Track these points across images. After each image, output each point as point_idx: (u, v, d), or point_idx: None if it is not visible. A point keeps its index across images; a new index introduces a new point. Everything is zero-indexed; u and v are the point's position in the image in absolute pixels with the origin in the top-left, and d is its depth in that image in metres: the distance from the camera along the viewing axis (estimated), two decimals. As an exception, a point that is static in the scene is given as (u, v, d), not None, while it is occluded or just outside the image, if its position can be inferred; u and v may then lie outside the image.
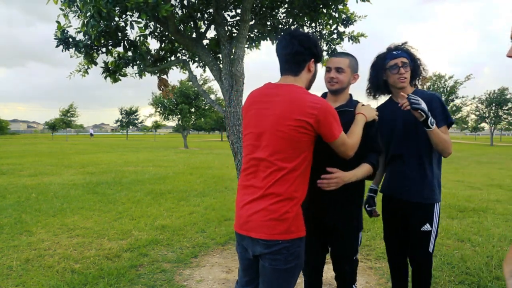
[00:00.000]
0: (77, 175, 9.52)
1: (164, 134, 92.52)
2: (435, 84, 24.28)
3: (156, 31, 3.33)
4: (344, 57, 1.95)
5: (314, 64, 1.67)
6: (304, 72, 1.64)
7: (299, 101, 1.52)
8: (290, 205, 1.51)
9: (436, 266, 3.28)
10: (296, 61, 1.61)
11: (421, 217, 2.13)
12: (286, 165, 1.52)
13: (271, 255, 1.52)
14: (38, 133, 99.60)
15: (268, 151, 1.53)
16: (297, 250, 1.55)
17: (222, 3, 2.95)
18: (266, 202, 1.51)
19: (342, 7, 3.23)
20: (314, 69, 1.68)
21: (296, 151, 1.53)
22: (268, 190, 1.51)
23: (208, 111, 26.01)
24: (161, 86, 3.57)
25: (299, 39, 1.60)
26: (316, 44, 1.64)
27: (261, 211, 1.51)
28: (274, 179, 1.51)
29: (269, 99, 1.58)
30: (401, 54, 2.16)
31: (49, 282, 2.98)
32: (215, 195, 6.87)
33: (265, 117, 1.56)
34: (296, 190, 1.54)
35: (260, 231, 1.51)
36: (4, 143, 29.67)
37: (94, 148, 23.92)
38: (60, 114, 44.74)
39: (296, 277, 1.61)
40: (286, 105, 1.52)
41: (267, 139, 1.54)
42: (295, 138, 1.51)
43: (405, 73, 2.15)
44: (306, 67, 1.63)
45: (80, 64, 3.15)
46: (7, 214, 5.20)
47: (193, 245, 3.93)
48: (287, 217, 1.50)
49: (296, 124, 1.50)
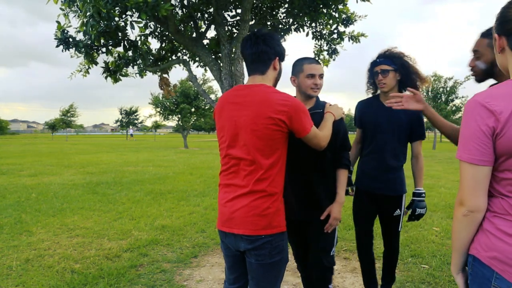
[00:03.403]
0: (77, 175, 9.52)
1: (164, 134, 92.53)
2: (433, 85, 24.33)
3: (156, 31, 3.33)
4: (320, 64, 2.07)
5: (278, 62, 1.73)
6: (270, 71, 1.70)
7: (270, 100, 1.58)
8: (271, 200, 1.59)
9: (436, 266, 3.28)
10: (262, 60, 1.67)
11: (393, 206, 2.49)
12: (264, 162, 1.59)
13: (255, 250, 1.59)
14: (38, 133, 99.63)
15: (246, 150, 1.60)
16: (280, 244, 1.63)
17: (222, 3, 2.96)
18: (248, 199, 1.59)
19: (342, 7, 3.24)
20: (279, 67, 1.74)
21: (272, 149, 1.60)
22: (250, 188, 1.59)
23: (208, 111, 26.00)
24: (162, 85, 3.58)
25: (263, 38, 1.66)
26: (279, 43, 1.72)
27: (244, 208, 1.59)
28: (255, 177, 1.59)
29: (240, 100, 1.64)
30: (383, 62, 2.34)
31: (49, 282, 2.98)
32: (215, 195, 6.86)
33: (238, 118, 1.62)
34: (275, 186, 1.61)
35: (243, 227, 1.58)
36: (4, 143, 29.68)
37: (94, 148, 23.92)
38: (60, 114, 44.78)
39: (283, 271, 1.70)
40: (258, 105, 1.59)
41: (244, 139, 1.61)
42: (269, 136, 1.57)
43: (384, 79, 2.34)
44: (271, 66, 1.70)
45: (81, 64, 3.15)
46: (7, 214, 5.20)
47: (193, 245, 3.92)
48: (269, 213, 1.58)
49: (269, 122, 1.56)
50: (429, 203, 6.03)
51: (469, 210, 1.08)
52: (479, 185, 1.07)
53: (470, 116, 1.07)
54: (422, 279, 3.04)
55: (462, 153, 1.09)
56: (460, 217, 1.11)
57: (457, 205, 1.12)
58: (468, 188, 1.08)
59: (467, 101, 1.10)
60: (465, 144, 1.08)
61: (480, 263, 1.10)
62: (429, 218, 5.05)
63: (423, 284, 2.96)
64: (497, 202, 1.09)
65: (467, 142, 1.07)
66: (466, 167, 1.08)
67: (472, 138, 1.06)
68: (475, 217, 1.09)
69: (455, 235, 1.15)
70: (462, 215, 1.10)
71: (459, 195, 1.11)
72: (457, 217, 1.12)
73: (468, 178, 1.08)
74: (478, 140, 1.05)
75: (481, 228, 1.11)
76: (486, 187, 1.08)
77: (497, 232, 1.06)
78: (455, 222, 1.14)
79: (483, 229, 1.11)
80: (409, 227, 4.59)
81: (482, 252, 1.09)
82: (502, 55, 1.14)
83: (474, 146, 1.06)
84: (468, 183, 1.08)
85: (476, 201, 1.08)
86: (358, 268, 3.28)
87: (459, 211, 1.11)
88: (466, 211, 1.09)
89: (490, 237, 1.08)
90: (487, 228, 1.10)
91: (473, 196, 1.08)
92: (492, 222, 1.09)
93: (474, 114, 1.06)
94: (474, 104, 1.06)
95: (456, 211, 1.12)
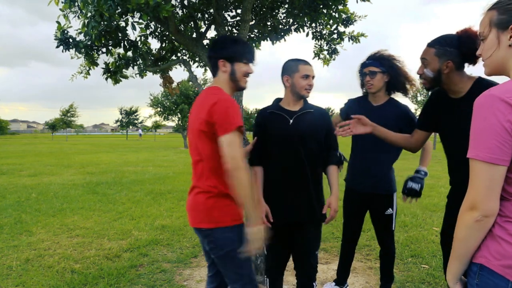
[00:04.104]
0: (77, 175, 9.52)
1: (164, 134, 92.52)
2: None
3: (156, 31, 3.34)
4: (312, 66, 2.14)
5: (227, 63, 1.75)
6: (220, 73, 1.77)
7: (205, 101, 1.66)
8: (207, 196, 1.67)
9: (436, 266, 3.28)
10: (211, 64, 1.80)
11: (384, 204, 2.52)
12: (203, 160, 1.69)
13: (206, 243, 1.73)
14: (38, 133, 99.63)
15: (192, 150, 1.75)
16: (227, 236, 1.67)
17: (222, 3, 2.96)
18: (192, 195, 1.75)
19: (342, 7, 3.24)
20: (229, 68, 1.75)
21: (208, 147, 1.65)
22: (193, 184, 1.76)
23: (208, 111, 26.01)
24: (165, 84, 3.57)
25: (211, 45, 1.81)
26: (225, 45, 1.76)
27: (189, 204, 1.76)
28: (198, 174, 1.72)
29: (195, 103, 1.78)
30: (371, 63, 2.42)
31: (49, 282, 2.98)
32: (215, 195, 6.86)
33: (190, 120, 1.78)
34: (212, 183, 1.67)
35: (191, 221, 1.75)
36: (4, 143, 29.67)
37: (94, 148, 23.92)
38: (60, 114, 44.76)
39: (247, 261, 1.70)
40: (198, 107, 1.71)
41: (190, 140, 1.77)
42: (203, 135, 1.64)
43: (371, 81, 2.42)
44: (219, 68, 1.76)
45: (82, 66, 3.15)
46: (7, 214, 5.20)
47: (193, 245, 3.93)
48: (205, 208, 1.67)
49: (202, 122, 1.62)
50: (429, 203, 6.03)
51: (484, 215, 0.98)
52: (495, 187, 0.97)
53: (488, 111, 0.96)
54: (422, 279, 3.04)
55: (479, 152, 0.97)
56: (472, 223, 0.99)
57: (467, 210, 1.00)
58: (483, 190, 0.97)
59: (481, 96, 1.00)
60: (483, 142, 0.96)
61: (490, 272, 1.01)
62: (429, 218, 5.05)
63: (423, 284, 2.97)
64: (509, 206, 1.01)
65: (485, 140, 0.96)
66: (482, 167, 0.97)
67: (492, 135, 0.95)
68: (488, 222, 0.99)
69: (461, 243, 1.04)
70: (475, 220, 0.99)
71: (469, 199, 1.00)
72: (466, 223, 1.01)
73: (484, 179, 0.97)
74: (499, 137, 0.94)
75: (491, 235, 1.02)
76: (500, 190, 0.98)
77: (511, 239, 0.98)
78: (463, 229, 1.02)
79: (494, 235, 1.01)
80: (409, 227, 4.60)
81: (494, 260, 1.00)
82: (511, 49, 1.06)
83: (494, 144, 0.95)
84: (484, 185, 0.97)
85: (491, 205, 0.97)
86: (357, 268, 3.29)
87: (470, 216, 1.00)
88: (480, 216, 0.98)
89: (502, 244, 0.99)
90: (498, 234, 1.00)
91: (489, 199, 0.97)
92: (504, 228, 1.00)
93: (494, 109, 0.95)
94: (492, 99, 0.96)
95: (466, 216, 1.01)
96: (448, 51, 1.72)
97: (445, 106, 1.87)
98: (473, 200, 0.99)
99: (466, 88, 1.77)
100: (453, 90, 1.81)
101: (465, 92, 1.77)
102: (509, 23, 1.05)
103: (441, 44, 1.75)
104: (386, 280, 2.68)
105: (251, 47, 1.85)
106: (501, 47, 1.07)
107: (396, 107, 2.46)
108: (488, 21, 1.10)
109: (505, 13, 1.06)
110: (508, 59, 1.07)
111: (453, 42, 1.72)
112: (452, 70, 1.74)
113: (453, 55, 1.72)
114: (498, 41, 1.08)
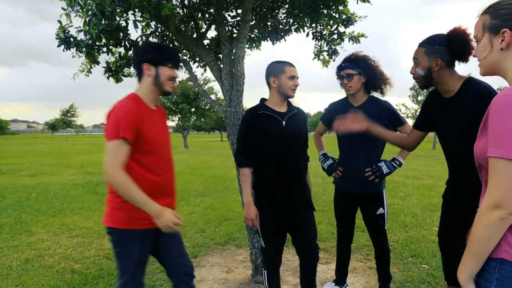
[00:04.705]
0: (77, 175, 9.52)
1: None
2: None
3: (157, 31, 3.33)
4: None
5: (151, 66, 1.76)
6: (144, 77, 1.79)
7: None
8: (112, 196, 1.74)
9: (436, 266, 3.28)
10: (136, 69, 1.82)
11: (375, 203, 2.54)
12: None
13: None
14: (38, 133, 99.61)
15: None
16: (122, 239, 1.75)
17: (223, 3, 2.96)
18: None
19: (342, 8, 3.24)
20: (153, 72, 1.77)
21: None
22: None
23: (208, 111, 26.05)
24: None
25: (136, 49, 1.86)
26: (149, 49, 1.79)
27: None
28: None
29: None
30: (347, 66, 2.47)
31: (49, 282, 2.98)
32: (215, 195, 6.87)
33: None
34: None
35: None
36: (4, 143, 29.68)
37: (94, 148, 23.91)
38: (61, 114, 44.77)
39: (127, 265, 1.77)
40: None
41: None
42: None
43: (349, 83, 2.46)
44: (143, 72, 1.78)
45: (83, 64, 3.15)
46: (7, 214, 5.20)
47: (193, 245, 3.93)
48: (109, 207, 1.76)
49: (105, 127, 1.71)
50: (429, 203, 6.03)
51: (510, 212, 0.99)
52: None
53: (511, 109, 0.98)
54: (422, 279, 3.04)
55: (504, 150, 0.98)
56: (496, 221, 1.00)
57: (491, 209, 1.01)
58: (509, 188, 0.98)
59: (502, 96, 1.02)
60: (508, 140, 0.98)
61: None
62: (429, 218, 5.05)
63: (423, 284, 2.97)
64: None
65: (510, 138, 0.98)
66: (507, 165, 0.98)
67: None
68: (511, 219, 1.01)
69: (482, 241, 1.04)
70: (500, 219, 0.99)
71: (492, 197, 1.01)
72: (491, 222, 1.01)
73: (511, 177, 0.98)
74: None
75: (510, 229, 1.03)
76: None
77: None
78: (485, 228, 1.03)
79: None
80: (409, 227, 4.60)
81: None
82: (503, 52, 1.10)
83: None
84: (510, 183, 0.98)
85: None
86: (357, 268, 3.29)
87: (494, 215, 1.00)
88: (506, 214, 0.99)
89: None
90: None
91: None
92: None
93: None
94: None
95: (490, 215, 1.01)
96: (437, 49, 1.76)
97: (438, 105, 1.91)
98: (497, 198, 1.00)
99: (456, 87, 1.80)
100: (444, 89, 1.84)
101: (456, 91, 1.80)
102: (501, 28, 1.10)
103: (430, 43, 1.79)
104: (384, 279, 2.69)
105: (177, 53, 1.86)
106: (493, 50, 1.13)
107: (377, 102, 2.53)
108: (482, 25, 1.15)
109: (497, 18, 1.11)
110: (501, 61, 1.12)
111: (442, 41, 1.76)
112: (442, 68, 1.78)
113: (442, 53, 1.75)
114: (491, 45, 1.13)
